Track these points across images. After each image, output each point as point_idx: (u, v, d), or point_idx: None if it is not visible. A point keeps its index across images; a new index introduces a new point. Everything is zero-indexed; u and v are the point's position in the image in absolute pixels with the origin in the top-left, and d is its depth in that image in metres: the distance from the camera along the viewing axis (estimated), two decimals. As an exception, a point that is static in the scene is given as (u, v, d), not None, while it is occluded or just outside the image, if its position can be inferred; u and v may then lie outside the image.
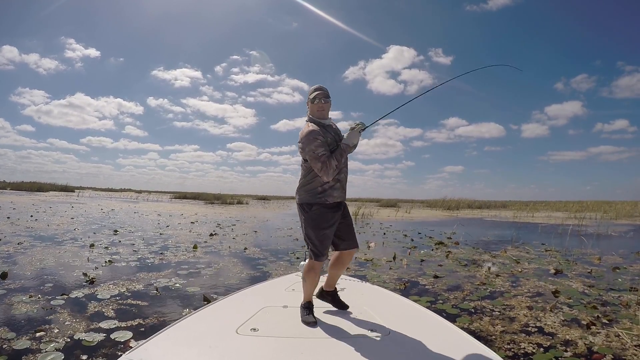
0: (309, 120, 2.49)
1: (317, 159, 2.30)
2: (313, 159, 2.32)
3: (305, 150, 2.36)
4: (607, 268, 6.26)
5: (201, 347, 2.02)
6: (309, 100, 2.51)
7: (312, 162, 2.33)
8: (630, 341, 3.00)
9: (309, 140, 2.34)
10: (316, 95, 2.48)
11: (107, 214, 15.91)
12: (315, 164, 2.31)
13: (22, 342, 2.69)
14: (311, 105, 2.50)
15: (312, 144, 2.32)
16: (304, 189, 2.48)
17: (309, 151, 2.33)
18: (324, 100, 2.49)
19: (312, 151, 2.32)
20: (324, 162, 2.30)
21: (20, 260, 5.66)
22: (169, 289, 4.37)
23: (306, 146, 2.34)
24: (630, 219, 20.05)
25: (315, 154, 2.31)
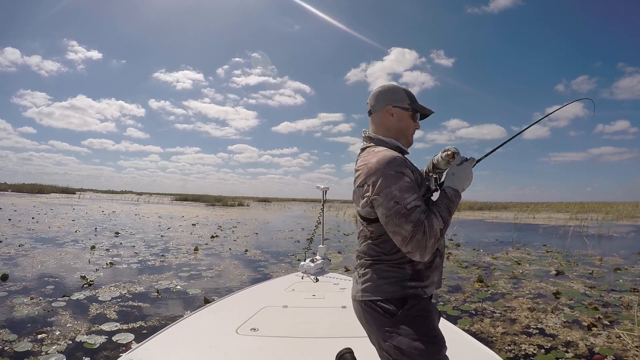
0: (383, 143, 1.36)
1: (406, 218, 1.17)
2: (395, 216, 1.18)
3: (380, 195, 1.21)
4: (608, 269, 6.26)
5: (201, 347, 2.02)
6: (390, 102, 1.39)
7: (390, 225, 1.20)
8: (631, 342, 3.00)
9: (390, 176, 1.20)
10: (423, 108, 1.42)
11: (108, 216, 15.93)
12: (401, 227, 1.18)
13: (24, 344, 2.69)
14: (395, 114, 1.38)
15: (397, 183, 1.20)
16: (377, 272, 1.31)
17: (388, 197, 1.19)
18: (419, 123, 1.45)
19: (394, 199, 1.19)
20: (420, 225, 1.17)
21: (21, 262, 5.67)
22: (170, 291, 4.37)
23: (384, 187, 1.20)
24: (632, 220, 20.01)
25: (402, 204, 1.18)
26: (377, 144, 1.37)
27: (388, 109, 1.39)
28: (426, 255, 1.19)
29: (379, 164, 1.24)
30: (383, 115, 1.40)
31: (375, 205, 1.24)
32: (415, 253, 1.19)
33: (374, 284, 1.31)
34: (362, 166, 1.30)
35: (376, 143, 1.38)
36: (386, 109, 1.39)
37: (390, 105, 1.39)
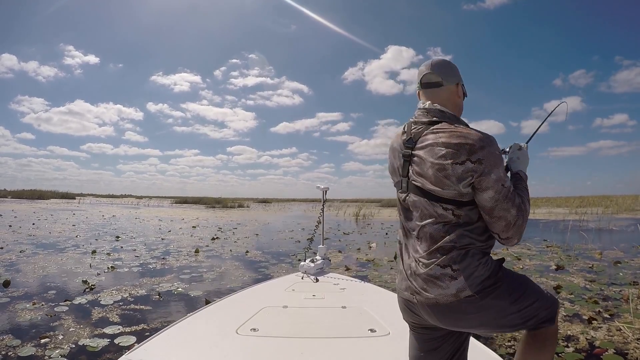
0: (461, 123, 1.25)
1: (512, 202, 1.13)
2: (504, 199, 1.12)
3: (490, 176, 1.11)
4: (609, 262, 6.28)
5: (201, 347, 2.02)
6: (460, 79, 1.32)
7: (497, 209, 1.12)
8: (631, 335, 3.02)
9: (497, 157, 1.14)
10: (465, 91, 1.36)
11: (108, 221, 15.93)
12: (509, 211, 1.13)
13: (27, 349, 2.71)
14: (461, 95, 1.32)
15: (501, 164, 1.15)
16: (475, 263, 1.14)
17: (497, 181, 1.12)
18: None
19: (501, 181, 1.12)
20: (521, 210, 1.15)
21: (22, 268, 5.68)
22: (171, 293, 4.38)
23: (493, 168, 1.12)
24: (632, 213, 20.04)
25: (507, 187, 1.14)
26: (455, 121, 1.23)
27: (459, 86, 1.30)
28: (519, 240, 1.17)
29: (483, 142, 1.12)
30: (454, 92, 1.29)
31: (481, 187, 1.12)
32: (514, 238, 1.15)
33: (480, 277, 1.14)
34: (456, 142, 1.12)
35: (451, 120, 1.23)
36: (457, 85, 1.29)
37: (460, 83, 1.31)
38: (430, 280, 1.15)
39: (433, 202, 1.17)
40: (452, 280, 1.13)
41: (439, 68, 1.29)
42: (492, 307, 1.15)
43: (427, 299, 1.16)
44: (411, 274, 1.22)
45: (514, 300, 1.17)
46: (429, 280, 1.16)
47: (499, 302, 1.15)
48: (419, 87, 1.33)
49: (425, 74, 1.29)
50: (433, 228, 1.17)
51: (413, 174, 1.23)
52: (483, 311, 1.15)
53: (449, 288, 1.13)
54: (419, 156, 1.20)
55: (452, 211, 1.16)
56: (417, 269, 1.19)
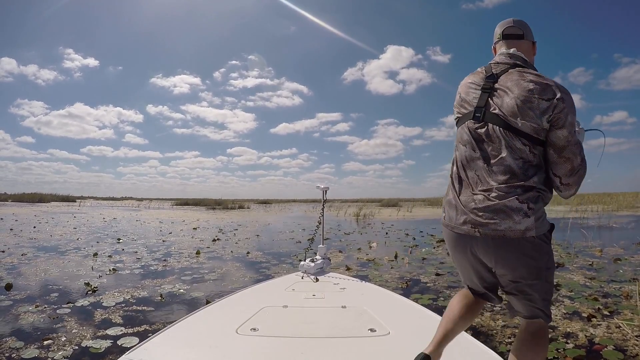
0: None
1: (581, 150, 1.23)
2: (576, 143, 1.21)
3: (568, 117, 1.19)
4: (609, 260, 6.29)
5: (201, 347, 2.03)
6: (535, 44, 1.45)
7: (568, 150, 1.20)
8: (631, 332, 3.03)
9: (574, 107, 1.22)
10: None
11: (109, 223, 15.95)
12: (576, 156, 1.21)
13: (31, 351, 2.73)
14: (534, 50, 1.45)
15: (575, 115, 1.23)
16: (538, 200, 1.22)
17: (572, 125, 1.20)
18: None
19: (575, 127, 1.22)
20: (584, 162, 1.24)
21: (24, 271, 5.70)
22: (173, 294, 4.40)
23: (571, 112, 1.20)
24: (632, 210, 20.06)
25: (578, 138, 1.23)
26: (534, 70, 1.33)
27: (535, 44, 1.43)
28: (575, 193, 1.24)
29: (566, 90, 1.21)
30: (531, 47, 1.42)
31: (558, 124, 1.18)
32: (572, 187, 1.22)
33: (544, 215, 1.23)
34: (543, 82, 1.21)
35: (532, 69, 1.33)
36: (534, 43, 1.43)
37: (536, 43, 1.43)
38: (504, 212, 1.18)
39: (512, 135, 1.22)
40: (525, 217, 1.17)
41: (520, 23, 1.41)
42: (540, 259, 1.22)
43: (494, 232, 1.20)
44: (475, 207, 1.24)
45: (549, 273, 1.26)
46: (502, 211, 1.18)
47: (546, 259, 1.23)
48: (499, 38, 1.43)
49: (509, 26, 1.41)
50: (515, 163, 1.21)
51: (494, 104, 1.27)
52: (534, 262, 1.21)
53: (520, 223, 1.17)
54: (503, 88, 1.26)
55: (529, 147, 1.21)
56: (486, 200, 1.21)
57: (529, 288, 1.25)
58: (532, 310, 1.29)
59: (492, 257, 1.25)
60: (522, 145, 1.21)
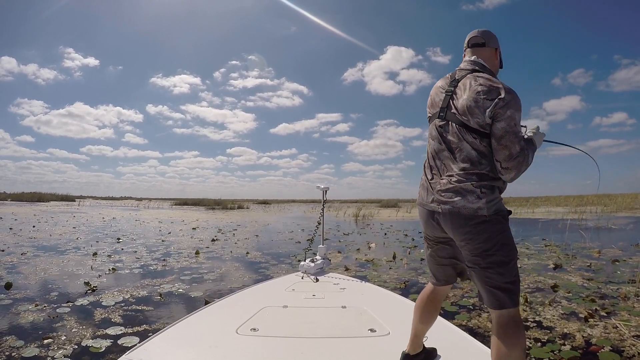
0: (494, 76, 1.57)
1: (518, 139, 1.41)
2: (512, 134, 1.40)
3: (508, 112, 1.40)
4: (607, 261, 6.31)
5: (201, 347, 2.04)
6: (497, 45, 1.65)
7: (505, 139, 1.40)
8: (628, 332, 3.04)
9: (518, 104, 1.43)
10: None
11: (108, 223, 15.95)
12: (513, 144, 1.40)
13: (31, 350, 2.74)
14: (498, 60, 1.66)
15: (519, 111, 1.43)
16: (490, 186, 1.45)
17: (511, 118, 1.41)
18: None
19: (514, 121, 1.41)
20: (524, 151, 1.42)
21: (24, 270, 5.71)
22: (172, 294, 4.42)
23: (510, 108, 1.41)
24: (631, 212, 20.07)
25: (518, 130, 1.43)
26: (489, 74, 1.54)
27: (498, 50, 1.65)
28: (516, 177, 1.45)
29: (510, 90, 1.44)
30: (492, 54, 1.63)
31: (497, 118, 1.41)
32: (512, 171, 1.42)
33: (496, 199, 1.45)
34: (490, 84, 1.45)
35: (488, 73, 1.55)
36: (496, 50, 1.64)
37: (499, 50, 1.64)
38: (461, 193, 1.44)
39: (465, 130, 1.47)
40: (478, 199, 1.41)
41: (484, 33, 1.64)
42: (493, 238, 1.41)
43: (452, 207, 1.44)
44: (440, 189, 1.50)
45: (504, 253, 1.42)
46: (459, 192, 1.44)
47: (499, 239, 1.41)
48: (466, 46, 1.67)
49: (473, 36, 1.64)
50: (471, 154, 1.46)
51: (452, 105, 1.53)
52: (486, 235, 1.41)
53: (473, 203, 1.41)
54: (459, 91, 1.51)
55: (478, 140, 1.45)
56: (448, 184, 1.47)
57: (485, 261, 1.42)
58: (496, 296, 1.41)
59: (451, 229, 1.48)
60: (473, 139, 1.46)
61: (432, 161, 1.59)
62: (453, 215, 1.44)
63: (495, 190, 1.46)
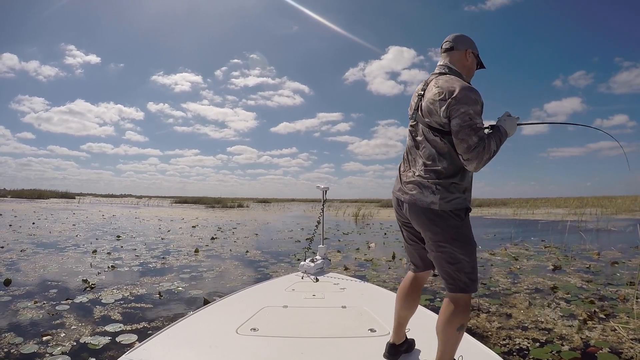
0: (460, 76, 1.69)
1: (474, 131, 1.48)
2: (468, 127, 1.48)
3: (460, 108, 1.50)
4: (606, 263, 6.32)
5: (201, 347, 2.04)
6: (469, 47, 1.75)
7: (461, 133, 1.49)
8: (626, 335, 3.05)
9: (471, 99, 1.51)
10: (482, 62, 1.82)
11: (108, 220, 15.96)
12: (469, 137, 1.48)
13: (30, 347, 2.74)
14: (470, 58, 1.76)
15: (474, 106, 1.51)
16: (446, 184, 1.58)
17: (465, 114, 1.50)
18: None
19: (469, 115, 1.49)
20: (482, 141, 1.48)
21: (23, 267, 5.71)
22: (171, 292, 4.42)
23: (463, 105, 1.50)
24: (630, 214, 20.07)
25: (474, 122, 1.50)
26: (455, 74, 1.68)
27: (468, 51, 1.74)
28: (479, 166, 1.51)
29: (464, 88, 1.54)
30: (463, 55, 1.74)
31: (452, 116, 1.53)
32: (473, 161, 1.50)
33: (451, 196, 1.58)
34: (446, 86, 1.57)
35: (454, 74, 1.69)
36: (467, 51, 1.74)
37: (470, 50, 1.75)
38: (420, 187, 1.61)
39: (428, 130, 1.62)
40: (432, 194, 1.57)
41: (454, 37, 1.76)
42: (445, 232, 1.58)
43: (411, 198, 1.63)
44: (405, 181, 1.69)
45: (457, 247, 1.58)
46: (418, 185, 1.62)
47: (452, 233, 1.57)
48: (441, 52, 1.79)
49: (445, 42, 1.77)
50: (432, 151, 1.61)
51: (420, 107, 1.68)
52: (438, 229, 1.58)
53: (427, 197, 1.58)
54: (425, 94, 1.67)
55: (439, 137, 1.59)
56: (412, 177, 1.66)
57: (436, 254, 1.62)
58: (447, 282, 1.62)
59: (410, 217, 1.68)
60: (435, 137, 1.60)
61: (406, 155, 1.77)
62: (411, 205, 1.64)
63: (452, 187, 1.58)
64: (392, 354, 1.87)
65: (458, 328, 1.60)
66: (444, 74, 1.68)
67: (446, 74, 1.67)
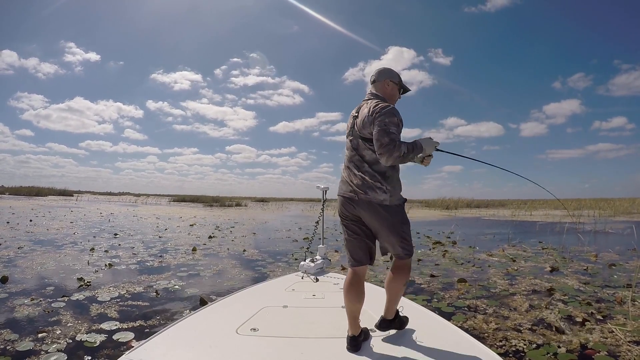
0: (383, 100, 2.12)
1: (387, 133, 1.90)
2: (382, 130, 1.91)
3: (376, 120, 1.95)
4: (603, 265, 6.32)
5: (201, 347, 2.03)
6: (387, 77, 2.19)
7: (377, 134, 1.92)
8: (623, 337, 3.04)
9: (389, 114, 1.94)
10: (402, 85, 2.26)
11: (106, 218, 15.92)
12: (382, 137, 1.90)
13: (25, 344, 2.73)
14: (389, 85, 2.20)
15: (390, 117, 1.94)
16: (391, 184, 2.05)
17: (382, 122, 1.93)
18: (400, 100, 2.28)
19: (385, 123, 1.92)
20: (393, 142, 1.89)
21: (20, 264, 5.70)
22: (168, 290, 4.41)
23: (382, 116, 1.94)
24: (628, 216, 20.12)
25: (388, 127, 1.92)
26: (379, 99, 2.11)
27: (387, 81, 2.19)
28: (389, 160, 1.92)
29: (384, 107, 1.99)
30: (384, 85, 2.19)
31: (374, 125, 1.95)
32: (384, 156, 1.91)
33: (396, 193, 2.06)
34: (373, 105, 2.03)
35: (378, 98, 2.12)
36: (384, 81, 2.19)
37: (389, 79, 2.20)
38: (370, 188, 2.02)
39: (363, 141, 2.06)
40: (382, 192, 2.01)
41: (376, 72, 2.23)
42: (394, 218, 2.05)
43: (366, 198, 2.02)
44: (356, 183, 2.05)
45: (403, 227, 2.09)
46: (369, 187, 2.02)
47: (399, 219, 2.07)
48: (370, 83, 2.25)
49: (371, 75, 2.25)
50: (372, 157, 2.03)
51: (355, 125, 2.12)
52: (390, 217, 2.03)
53: (380, 195, 2.01)
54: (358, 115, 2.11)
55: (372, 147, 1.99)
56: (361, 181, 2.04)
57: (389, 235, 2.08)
58: (397, 250, 2.12)
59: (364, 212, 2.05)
60: (369, 147, 2.02)
61: (348, 163, 2.14)
62: (365, 203, 2.03)
63: (396, 184, 2.07)
64: (354, 346, 2.07)
65: (404, 283, 2.19)
66: (371, 99, 2.12)
67: (372, 99, 2.11)
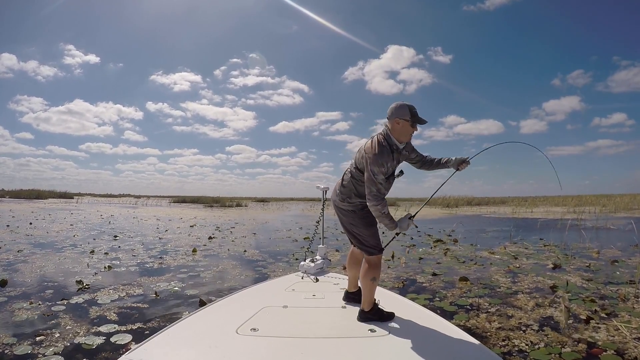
0: (384, 136, 2.39)
1: (374, 184, 2.27)
2: (369, 180, 2.28)
3: (367, 166, 2.30)
4: (606, 261, 6.29)
5: (201, 347, 2.02)
6: (397, 116, 2.36)
7: (367, 182, 2.29)
8: (629, 334, 3.01)
9: (377, 161, 2.27)
10: (415, 120, 2.39)
11: (106, 220, 15.91)
12: (370, 187, 2.28)
13: (23, 347, 2.70)
14: (400, 123, 2.37)
15: (378, 166, 2.27)
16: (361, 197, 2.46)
17: (370, 171, 2.28)
18: (418, 127, 2.43)
19: (373, 172, 2.27)
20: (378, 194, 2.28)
21: (20, 267, 5.67)
22: (168, 292, 4.38)
23: (369, 165, 2.29)
24: (629, 212, 20.10)
25: (375, 177, 2.26)
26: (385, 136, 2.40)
27: (397, 119, 2.38)
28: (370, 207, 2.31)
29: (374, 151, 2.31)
30: (394, 122, 2.39)
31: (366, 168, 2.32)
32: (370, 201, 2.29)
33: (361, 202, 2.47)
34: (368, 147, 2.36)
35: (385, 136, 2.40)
36: (395, 120, 2.38)
37: (398, 118, 2.37)
38: (345, 200, 2.52)
39: (354, 169, 2.48)
40: (352, 205, 2.50)
41: (390, 110, 2.42)
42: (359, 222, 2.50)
43: (341, 204, 2.54)
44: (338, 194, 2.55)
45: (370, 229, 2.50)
46: (344, 200, 2.52)
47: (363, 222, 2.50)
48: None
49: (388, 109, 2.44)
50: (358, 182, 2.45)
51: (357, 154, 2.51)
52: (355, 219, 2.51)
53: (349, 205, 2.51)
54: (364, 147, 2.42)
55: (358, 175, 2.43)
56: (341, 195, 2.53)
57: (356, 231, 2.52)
58: (365, 250, 2.50)
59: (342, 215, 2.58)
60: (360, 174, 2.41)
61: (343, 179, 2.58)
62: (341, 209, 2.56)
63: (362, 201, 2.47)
64: (345, 298, 2.85)
65: (371, 279, 2.44)
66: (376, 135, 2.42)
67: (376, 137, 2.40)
